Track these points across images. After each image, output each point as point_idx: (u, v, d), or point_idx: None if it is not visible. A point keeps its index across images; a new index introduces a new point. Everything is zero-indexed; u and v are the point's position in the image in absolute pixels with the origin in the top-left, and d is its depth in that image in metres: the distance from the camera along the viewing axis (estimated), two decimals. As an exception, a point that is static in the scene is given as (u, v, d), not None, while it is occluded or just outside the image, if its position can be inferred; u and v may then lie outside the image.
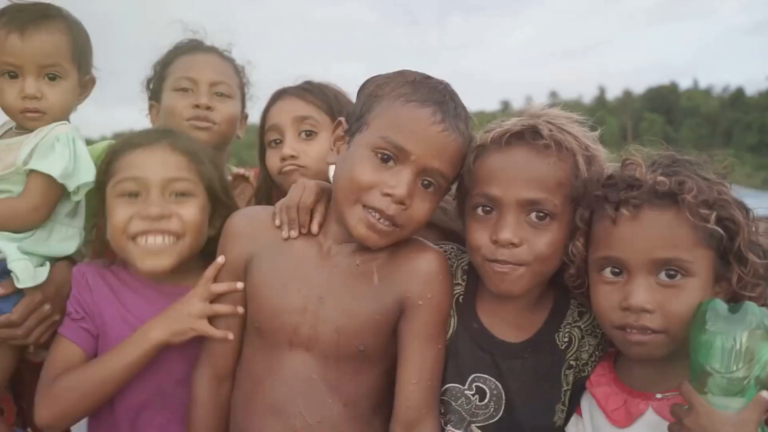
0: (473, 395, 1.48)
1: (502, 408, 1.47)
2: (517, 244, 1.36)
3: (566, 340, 1.51)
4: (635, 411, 1.34)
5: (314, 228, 1.48)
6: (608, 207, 1.31)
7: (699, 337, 1.18)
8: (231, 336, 1.51)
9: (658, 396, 1.32)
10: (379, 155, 1.35)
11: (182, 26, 2.27)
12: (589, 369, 1.51)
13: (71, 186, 1.67)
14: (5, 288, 1.60)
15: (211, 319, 1.54)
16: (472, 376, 1.49)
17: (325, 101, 1.98)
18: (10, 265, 1.59)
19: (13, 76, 1.71)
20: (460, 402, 1.49)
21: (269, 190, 2.09)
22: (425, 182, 1.37)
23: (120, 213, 1.57)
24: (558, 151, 1.36)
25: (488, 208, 1.41)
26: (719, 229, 1.25)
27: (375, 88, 1.42)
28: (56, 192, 1.68)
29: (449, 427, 1.48)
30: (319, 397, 1.43)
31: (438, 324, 1.46)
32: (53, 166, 1.63)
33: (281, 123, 1.98)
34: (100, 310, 1.61)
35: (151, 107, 2.26)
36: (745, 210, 1.30)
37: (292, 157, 1.93)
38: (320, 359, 1.43)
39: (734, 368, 1.14)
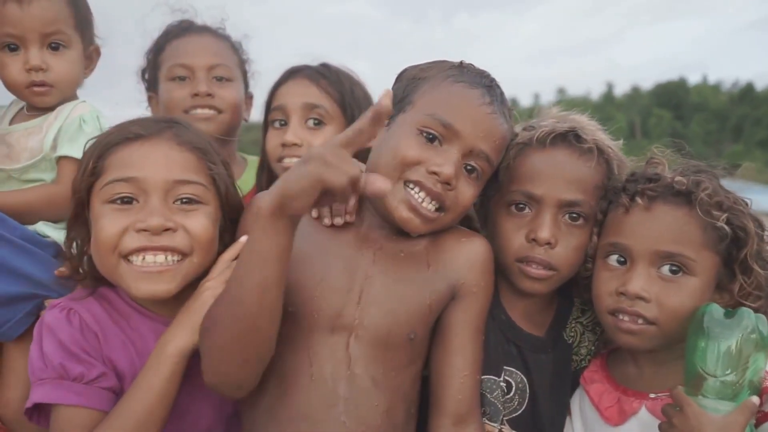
0: (506, 387, 1.48)
1: (526, 402, 1.48)
2: (553, 244, 1.39)
3: (572, 335, 1.56)
4: (629, 409, 1.37)
5: (351, 216, 1.38)
6: (624, 196, 1.36)
7: (695, 340, 1.22)
8: None
9: (652, 396, 1.36)
10: (425, 134, 1.29)
11: (169, 7, 2.09)
12: (584, 365, 1.55)
13: None
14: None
15: None
16: (504, 368, 1.49)
17: (339, 91, 1.83)
18: None
19: (14, 48, 1.60)
20: (495, 394, 1.46)
21: (270, 174, 1.89)
22: (469, 167, 1.33)
23: (110, 224, 1.25)
24: (598, 155, 1.42)
25: (522, 206, 1.43)
26: (726, 228, 1.29)
27: (418, 72, 1.39)
28: None
29: (485, 420, 1.44)
30: (364, 398, 1.28)
31: (485, 314, 1.41)
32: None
33: (289, 106, 1.83)
34: (113, 360, 1.29)
35: (150, 99, 2.12)
36: (759, 224, 1.34)
37: (295, 145, 1.78)
38: (367, 348, 1.29)
39: (728, 372, 1.17)
